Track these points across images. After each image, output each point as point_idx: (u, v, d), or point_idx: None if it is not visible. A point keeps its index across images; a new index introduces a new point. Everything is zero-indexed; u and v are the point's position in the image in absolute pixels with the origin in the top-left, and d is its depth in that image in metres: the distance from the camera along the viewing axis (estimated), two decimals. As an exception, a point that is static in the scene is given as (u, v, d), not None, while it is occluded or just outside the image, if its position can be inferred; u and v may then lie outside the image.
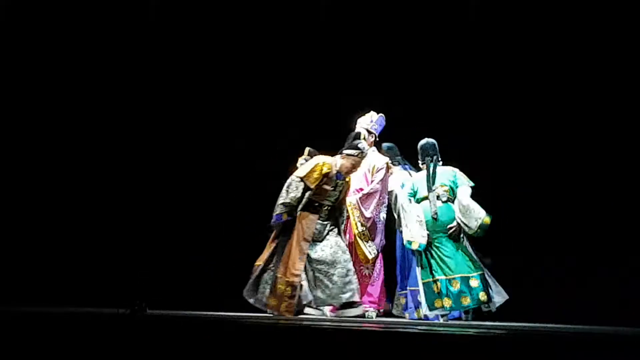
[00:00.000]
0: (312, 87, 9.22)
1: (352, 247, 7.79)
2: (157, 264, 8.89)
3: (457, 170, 7.53)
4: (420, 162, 7.59)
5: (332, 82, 9.12)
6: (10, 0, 9.46)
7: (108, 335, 5.82)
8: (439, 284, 7.22)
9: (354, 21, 9.20)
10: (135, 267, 8.89)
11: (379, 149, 8.09)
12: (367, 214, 7.82)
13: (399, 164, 8.03)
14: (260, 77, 9.37)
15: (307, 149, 8.12)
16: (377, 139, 8.12)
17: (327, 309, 7.84)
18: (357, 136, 7.54)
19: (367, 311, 7.66)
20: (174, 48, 9.53)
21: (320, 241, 7.41)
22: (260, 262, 7.44)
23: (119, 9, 9.49)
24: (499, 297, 7.21)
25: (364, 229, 7.80)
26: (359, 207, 7.83)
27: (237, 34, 9.48)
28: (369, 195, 7.84)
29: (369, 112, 8.09)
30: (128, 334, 5.83)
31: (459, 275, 7.21)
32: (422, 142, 7.57)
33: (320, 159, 7.48)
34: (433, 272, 7.27)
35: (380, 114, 8.06)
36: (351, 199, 7.85)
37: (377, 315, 7.76)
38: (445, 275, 7.22)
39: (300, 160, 8.10)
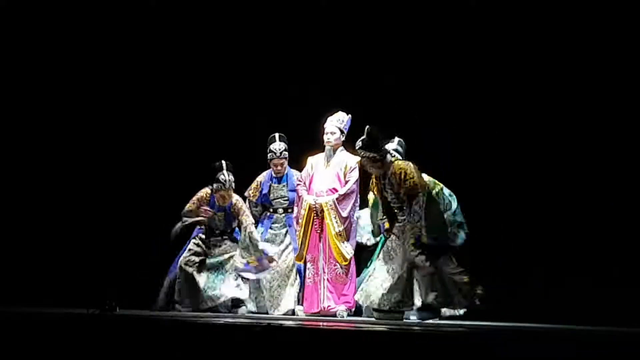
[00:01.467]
0: (289, 81, 9.23)
1: (327, 247, 7.81)
2: (128, 264, 8.84)
3: None
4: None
5: (317, 79, 9.13)
6: (10, 0, 9.36)
7: (78, 335, 5.76)
8: None
9: (334, 19, 9.18)
10: (105, 266, 8.84)
11: (347, 149, 8.08)
12: (344, 214, 7.82)
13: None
14: (244, 75, 9.37)
15: None
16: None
17: (298, 308, 7.85)
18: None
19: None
20: (169, 46, 9.52)
21: None
22: None
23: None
24: None
25: (341, 229, 7.80)
26: (336, 207, 7.83)
27: (218, 35, 9.46)
28: (346, 195, 7.84)
29: (337, 111, 8.07)
30: (98, 333, 5.76)
31: None
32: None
33: None
34: None
35: (349, 115, 8.05)
36: (327, 199, 7.86)
37: (348, 315, 7.76)
38: None
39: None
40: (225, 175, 8.07)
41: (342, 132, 8.03)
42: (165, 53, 9.48)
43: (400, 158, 7.38)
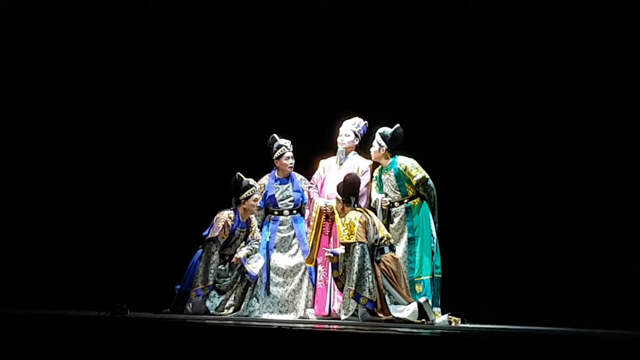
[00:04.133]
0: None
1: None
2: (139, 266, 8.84)
3: None
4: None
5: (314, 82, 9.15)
6: (10, 0, 9.38)
7: (88, 337, 5.76)
8: None
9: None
10: (116, 268, 8.84)
11: (360, 153, 8.10)
12: (355, 217, 7.80)
13: None
14: (251, 75, 9.36)
15: None
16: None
17: (309, 311, 7.85)
18: None
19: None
20: (170, 47, 9.51)
21: None
22: None
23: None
24: None
25: (352, 232, 7.79)
26: (346, 210, 7.83)
27: (228, 34, 9.45)
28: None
29: (354, 116, 8.10)
30: (108, 336, 5.77)
31: None
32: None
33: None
34: None
35: (365, 121, 8.07)
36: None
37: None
38: None
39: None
40: (252, 180, 7.99)
41: (356, 135, 8.07)
42: (177, 59, 9.48)
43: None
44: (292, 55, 9.23)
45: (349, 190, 7.55)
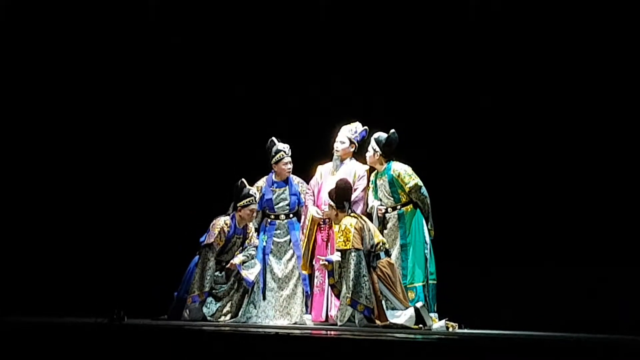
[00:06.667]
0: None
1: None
2: (136, 273, 8.83)
3: None
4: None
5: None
6: (10, 0, 9.37)
7: (86, 344, 5.76)
8: None
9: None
10: (113, 275, 8.83)
11: (358, 159, 8.10)
12: (351, 222, 7.79)
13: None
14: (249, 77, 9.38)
15: None
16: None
17: (306, 317, 7.84)
18: None
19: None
20: (169, 49, 9.53)
21: None
22: None
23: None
24: None
25: (348, 238, 7.78)
26: (342, 216, 7.83)
27: (229, 30, 9.47)
28: (353, 203, 7.80)
29: (354, 122, 8.10)
30: (106, 343, 5.76)
31: None
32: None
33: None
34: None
35: (365, 127, 8.05)
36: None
37: None
38: None
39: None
40: (253, 190, 8.00)
41: (352, 142, 8.04)
42: (176, 61, 9.48)
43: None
44: (291, 58, 9.25)
45: (342, 196, 7.55)
